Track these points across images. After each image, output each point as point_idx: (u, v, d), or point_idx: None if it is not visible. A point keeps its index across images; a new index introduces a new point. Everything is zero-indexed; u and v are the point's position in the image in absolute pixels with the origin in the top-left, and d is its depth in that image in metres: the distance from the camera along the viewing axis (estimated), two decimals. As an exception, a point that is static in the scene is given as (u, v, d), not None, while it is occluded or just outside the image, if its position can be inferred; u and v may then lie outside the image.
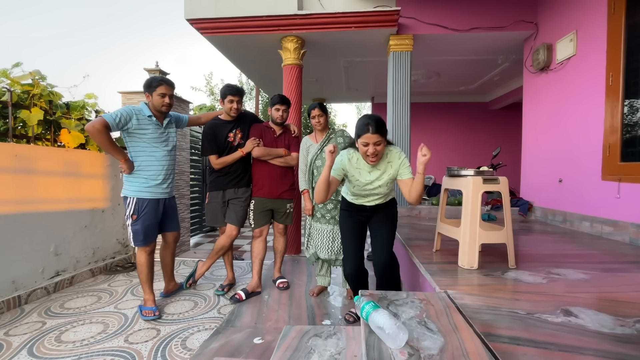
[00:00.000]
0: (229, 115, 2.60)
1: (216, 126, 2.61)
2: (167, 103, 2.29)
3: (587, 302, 1.37)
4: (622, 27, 2.51)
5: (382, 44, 3.97)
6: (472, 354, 0.96)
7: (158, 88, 2.26)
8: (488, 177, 1.81)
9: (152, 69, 3.87)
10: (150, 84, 2.26)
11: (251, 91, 14.37)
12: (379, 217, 2.01)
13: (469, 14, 3.65)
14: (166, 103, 2.29)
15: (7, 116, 2.54)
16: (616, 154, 2.56)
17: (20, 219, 2.49)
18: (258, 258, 2.66)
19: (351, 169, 1.87)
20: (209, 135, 2.57)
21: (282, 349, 1.38)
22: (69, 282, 2.87)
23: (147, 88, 2.28)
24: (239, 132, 2.63)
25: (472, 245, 1.77)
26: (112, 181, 3.39)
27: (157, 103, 2.28)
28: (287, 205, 2.72)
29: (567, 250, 2.27)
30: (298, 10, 3.61)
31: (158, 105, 2.28)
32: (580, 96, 2.98)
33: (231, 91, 2.52)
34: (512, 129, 6.47)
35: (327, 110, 2.64)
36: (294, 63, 3.81)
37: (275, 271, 2.89)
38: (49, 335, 2.01)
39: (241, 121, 2.67)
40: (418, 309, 1.28)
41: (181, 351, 1.85)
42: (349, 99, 7.97)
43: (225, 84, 2.59)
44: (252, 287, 2.63)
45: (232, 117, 2.61)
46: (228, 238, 2.63)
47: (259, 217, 2.66)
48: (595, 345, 1.03)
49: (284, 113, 2.65)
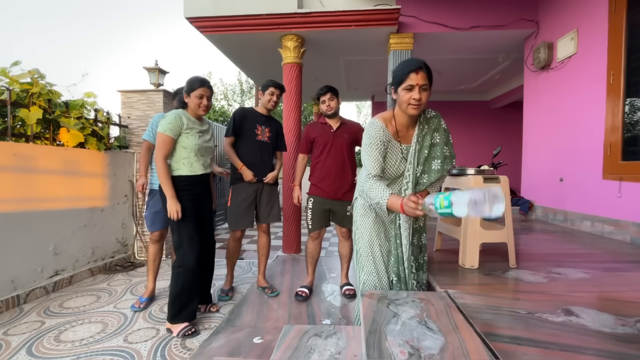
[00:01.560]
0: (266, 108, 2.58)
1: (248, 112, 2.58)
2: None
3: (588, 301, 1.37)
4: (623, 25, 2.50)
5: (382, 42, 3.96)
6: (472, 354, 0.95)
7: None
8: (489, 176, 1.80)
9: (151, 68, 3.87)
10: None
11: (251, 90, 14.34)
12: None
13: (469, 12, 3.64)
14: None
15: (6, 115, 2.53)
16: (617, 153, 2.55)
17: (19, 218, 2.48)
18: (314, 258, 2.62)
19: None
20: (238, 117, 2.52)
21: (282, 349, 1.38)
22: (68, 281, 2.86)
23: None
24: (268, 131, 2.59)
25: (473, 245, 1.76)
26: (111, 180, 3.38)
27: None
28: (347, 207, 2.50)
29: (568, 249, 2.27)
30: (298, 8, 3.60)
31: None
32: (581, 95, 2.97)
33: (274, 84, 2.54)
34: (513, 128, 6.46)
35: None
36: (294, 62, 3.80)
37: (343, 277, 2.70)
38: (48, 335, 2.01)
39: (272, 122, 2.65)
40: (418, 309, 1.27)
41: (181, 351, 1.85)
42: (349, 98, 7.95)
43: (268, 79, 2.59)
44: (310, 283, 2.63)
45: (269, 111, 2.60)
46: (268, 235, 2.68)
47: (318, 218, 2.51)
48: (596, 345, 1.03)
49: (330, 102, 2.46)
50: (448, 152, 1.49)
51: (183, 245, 2.03)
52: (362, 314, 1.24)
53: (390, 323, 1.15)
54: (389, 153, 1.47)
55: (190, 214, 2.04)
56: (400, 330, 1.10)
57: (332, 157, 2.47)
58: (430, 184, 1.47)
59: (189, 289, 2.04)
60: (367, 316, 1.21)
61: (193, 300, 2.07)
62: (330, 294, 2.66)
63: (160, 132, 1.98)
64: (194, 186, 2.08)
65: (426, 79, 1.34)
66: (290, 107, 3.84)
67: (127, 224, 3.63)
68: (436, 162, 1.47)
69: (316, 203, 2.51)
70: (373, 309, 1.26)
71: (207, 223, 2.26)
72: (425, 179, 1.47)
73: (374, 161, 1.43)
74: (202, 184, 2.15)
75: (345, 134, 2.50)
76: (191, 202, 2.04)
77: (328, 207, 2.51)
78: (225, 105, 14.56)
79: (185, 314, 2.03)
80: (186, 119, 2.06)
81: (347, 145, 2.51)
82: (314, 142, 2.54)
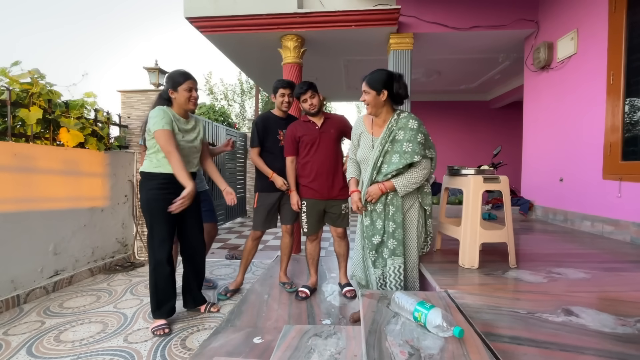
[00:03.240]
0: (281, 110, 2.56)
1: (268, 119, 2.55)
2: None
3: (588, 301, 1.37)
4: (623, 25, 2.50)
5: (383, 42, 3.96)
6: (472, 354, 0.95)
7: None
8: (489, 176, 1.80)
9: (151, 68, 3.87)
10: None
11: (251, 90, 14.34)
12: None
13: (469, 12, 3.64)
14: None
15: (6, 115, 2.53)
16: (617, 153, 2.55)
17: (19, 217, 2.48)
18: (315, 259, 2.61)
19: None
20: (259, 127, 2.51)
21: (282, 349, 1.38)
22: (68, 281, 2.86)
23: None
24: None
25: (473, 245, 1.76)
26: (111, 180, 3.38)
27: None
28: (342, 206, 2.45)
29: (568, 249, 2.27)
30: (298, 8, 3.60)
31: None
32: (581, 95, 2.97)
33: (282, 84, 2.49)
34: (513, 128, 6.46)
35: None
36: (294, 62, 3.80)
37: (342, 276, 2.67)
38: (48, 335, 2.01)
39: (291, 123, 2.59)
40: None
41: (181, 350, 1.85)
42: (349, 98, 7.95)
43: (277, 80, 2.53)
44: (313, 284, 2.62)
45: (285, 112, 2.58)
46: (291, 236, 2.66)
47: (314, 220, 2.44)
48: (596, 345, 1.03)
49: (312, 100, 2.36)
50: (410, 149, 1.68)
51: (153, 242, 2.04)
52: (362, 314, 1.24)
53: (390, 323, 1.15)
54: (362, 141, 1.86)
55: (163, 213, 1.97)
56: (400, 330, 1.10)
57: (321, 155, 2.37)
58: (389, 174, 1.70)
59: (163, 287, 2.07)
60: (367, 316, 1.21)
61: (168, 299, 2.10)
62: (330, 294, 2.65)
63: (159, 129, 1.93)
64: (174, 185, 1.98)
65: (367, 87, 1.74)
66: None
67: (127, 224, 3.63)
68: (396, 156, 1.70)
69: (310, 205, 2.42)
70: (373, 309, 1.26)
71: (190, 223, 2.21)
72: (385, 169, 1.72)
73: (352, 147, 1.98)
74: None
75: (331, 129, 2.41)
76: (168, 201, 1.93)
77: (322, 208, 2.44)
78: (225, 105, 14.57)
79: (163, 311, 2.08)
80: (172, 115, 2.02)
81: (334, 140, 2.43)
82: (299, 142, 2.42)
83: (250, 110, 14.66)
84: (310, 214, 2.43)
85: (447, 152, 7.12)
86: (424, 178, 1.73)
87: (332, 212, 2.45)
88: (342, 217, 2.46)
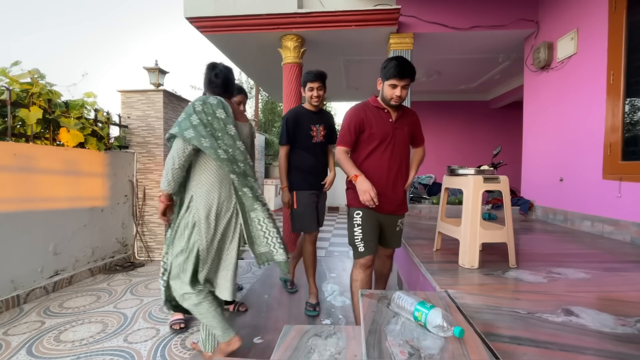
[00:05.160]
0: (312, 105, 2.39)
1: (299, 115, 2.40)
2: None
3: (588, 301, 1.36)
4: (623, 25, 2.50)
5: (383, 42, 3.96)
6: (472, 354, 0.95)
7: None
8: (489, 176, 1.80)
9: (151, 68, 3.87)
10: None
11: (251, 90, 14.38)
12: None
13: (469, 12, 3.64)
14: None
15: (6, 115, 2.53)
16: (617, 153, 2.55)
17: (19, 217, 2.48)
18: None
19: None
20: (291, 123, 2.36)
21: (282, 349, 1.38)
22: (68, 281, 2.86)
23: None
24: (322, 129, 2.42)
25: (473, 245, 1.76)
26: (111, 180, 3.38)
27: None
28: (398, 221, 1.97)
29: (568, 249, 2.27)
30: (298, 8, 3.60)
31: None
32: (581, 95, 2.97)
33: (309, 77, 2.31)
34: (513, 128, 6.46)
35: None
36: (294, 62, 3.80)
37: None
38: (47, 335, 2.01)
39: (324, 117, 2.46)
40: (418, 309, 1.27)
41: (181, 351, 1.85)
42: (349, 98, 7.95)
43: (306, 72, 2.35)
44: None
45: (315, 106, 2.40)
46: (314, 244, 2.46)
47: (372, 236, 1.84)
48: (596, 345, 1.03)
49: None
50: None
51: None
52: (362, 314, 1.24)
53: (390, 323, 1.15)
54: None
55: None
56: (400, 330, 1.10)
57: (389, 157, 1.83)
58: None
59: None
60: (367, 316, 1.21)
61: None
62: (330, 294, 2.65)
63: None
64: None
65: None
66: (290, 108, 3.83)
67: (127, 224, 3.63)
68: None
69: (367, 216, 1.83)
70: (373, 309, 1.26)
71: None
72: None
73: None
74: None
75: (406, 126, 1.88)
76: None
77: (380, 221, 1.89)
78: (225, 105, 14.53)
79: (181, 307, 2.06)
80: None
81: (407, 142, 1.92)
82: (363, 132, 1.83)
83: (251, 110, 14.68)
84: (368, 227, 1.83)
85: (446, 152, 7.12)
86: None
87: (388, 228, 1.93)
88: (396, 234, 1.98)
